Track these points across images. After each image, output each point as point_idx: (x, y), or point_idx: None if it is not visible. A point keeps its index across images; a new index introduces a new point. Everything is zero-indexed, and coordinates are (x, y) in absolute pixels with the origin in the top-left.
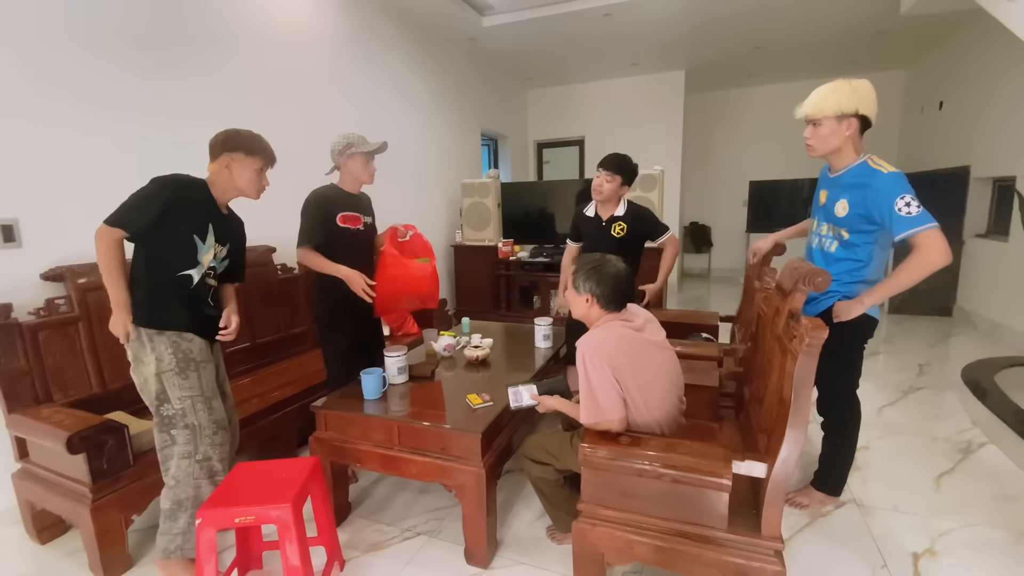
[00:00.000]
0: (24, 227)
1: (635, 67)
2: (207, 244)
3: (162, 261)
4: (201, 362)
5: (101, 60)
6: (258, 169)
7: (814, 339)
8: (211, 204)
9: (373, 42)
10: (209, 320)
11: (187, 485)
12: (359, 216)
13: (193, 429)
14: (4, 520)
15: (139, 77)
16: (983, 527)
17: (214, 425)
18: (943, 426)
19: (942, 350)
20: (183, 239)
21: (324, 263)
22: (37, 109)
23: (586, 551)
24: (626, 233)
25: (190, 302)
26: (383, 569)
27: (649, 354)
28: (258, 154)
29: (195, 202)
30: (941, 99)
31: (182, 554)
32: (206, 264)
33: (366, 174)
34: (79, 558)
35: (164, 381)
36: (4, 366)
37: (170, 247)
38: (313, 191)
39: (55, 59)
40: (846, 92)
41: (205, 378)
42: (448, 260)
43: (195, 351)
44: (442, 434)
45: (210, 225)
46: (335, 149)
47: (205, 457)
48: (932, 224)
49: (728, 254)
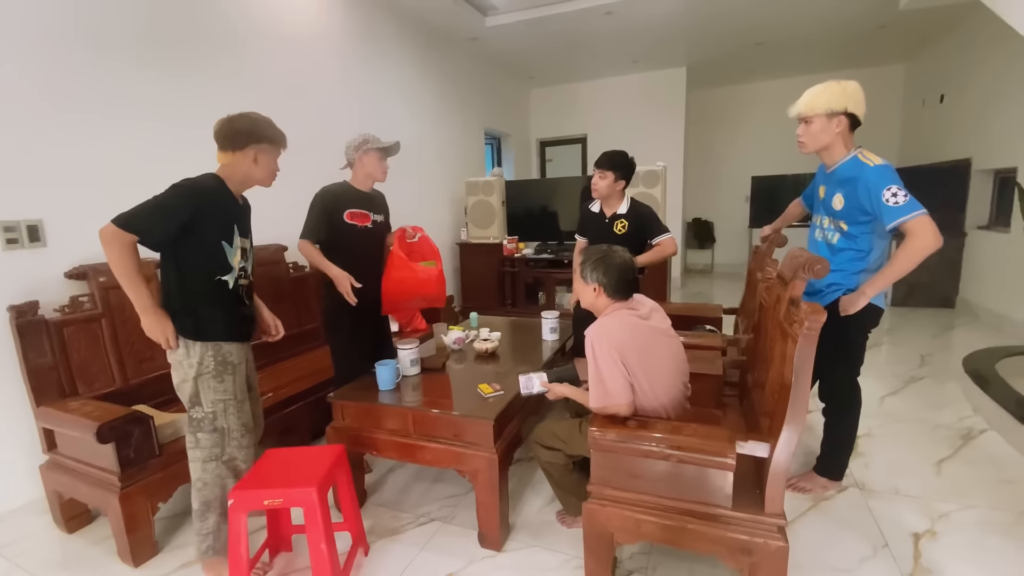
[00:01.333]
0: (49, 227)
1: (636, 64)
2: (235, 246)
3: (195, 270)
4: (237, 364)
5: (119, 63)
6: (277, 157)
7: (813, 323)
8: (232, 201)
9: (377, 43)
10: (246, 320)
11: (215, 486)
12: (368, 214)
13: (222, 432)
14: (32, 510)
15: (155, 79)
16: (983, 509)
17: (242, 428)
18: (944, 414)
19: (944, 341)
20: (212, 246)
21: (319, 260)
22: (60, 112)
23: (596, 531)
24: (627, 230)
25: (228, 308)
26: (400, 553)
27: (655, 341)
28: (281, 142)
29: (220, 207)
30: (942, 92)
31: (213, 552)
32: (237, 266)
33: (379, 171)
34: (107, 546)
35: (200, 384)
36: (32, 361)
37: (201, 256)
38: (323, 187)
39: (76, 64)
40: (836, 92)
41: (239, 381)
42: (454, 258)
43: (233, 354)
44: (455, 421)
45: (235, 225)
46: (350, 145)
47: (231, 458)
48: (920, 211)
49: (731, 249)
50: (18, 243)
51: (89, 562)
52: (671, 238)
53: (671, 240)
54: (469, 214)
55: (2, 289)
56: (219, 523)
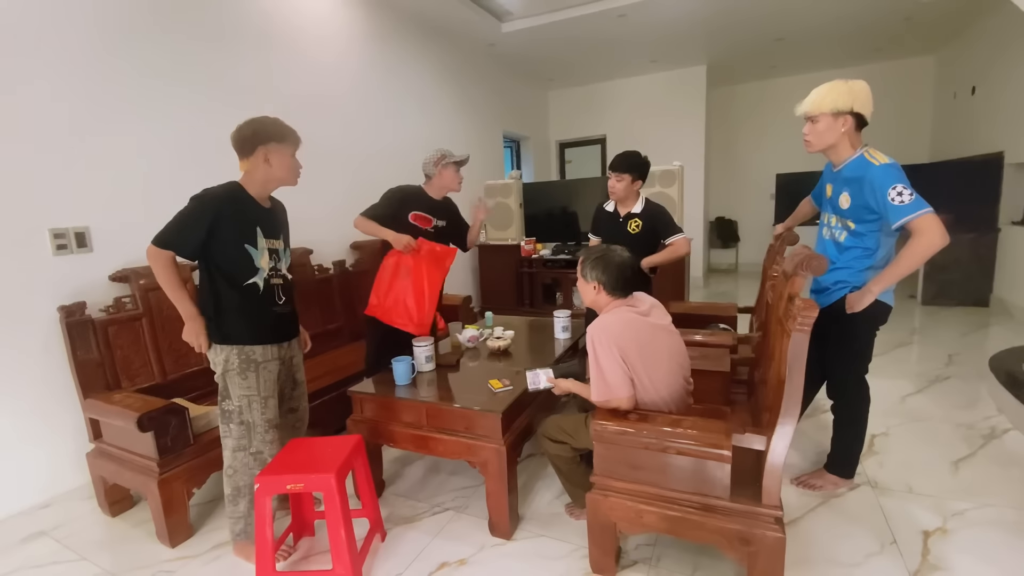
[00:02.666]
0: (95, 234)
1: (655, 64)
2: (259, 248)
3: (224, 276)
4: (262, 363)
5: (152, 78)
6: (291, 154)
7: (805, 318)
8: (252, 205)
9: (397, 50)
10: (280, 318)
11: (243, 474)
12: (431, 218)
13: (248, 426)
14: (80, 495)
15: (185, 92)
16: (998, 508)
17: (266, 424)
18: (967, 413)
19: (975, 340)
20: (236, 251)
21: (376, 227)
22: (101, 125)
23: (599, 520)
24: (641, 230)
25: (257, 310)
26: (415, 539)
27: (655, 336)
28: (289, 138)
29: (236, 211)
30: (974, 84)
31: (246, 536)
32: (266, 267)
33: (455, 182)
34: (147, 528)
35: (228, 380)
36: (80, 357)
37: (227, 261)
38: (401, 186)
39: (114, 77)
40: (842, 91)
41: (264, 378)
42: (472, 259)
43: (257, 353)
44: (466, 415)
45: (257, 228)
46: (430, 161)
47: (258, 451)
48: (926, 209)
49: (756, 248)
50: (67, 248)
51: (130, 543)
52: (684, 239)
53: (684, 240)
54: (487, 216)
55: (53, 291)
56: (249, 509)
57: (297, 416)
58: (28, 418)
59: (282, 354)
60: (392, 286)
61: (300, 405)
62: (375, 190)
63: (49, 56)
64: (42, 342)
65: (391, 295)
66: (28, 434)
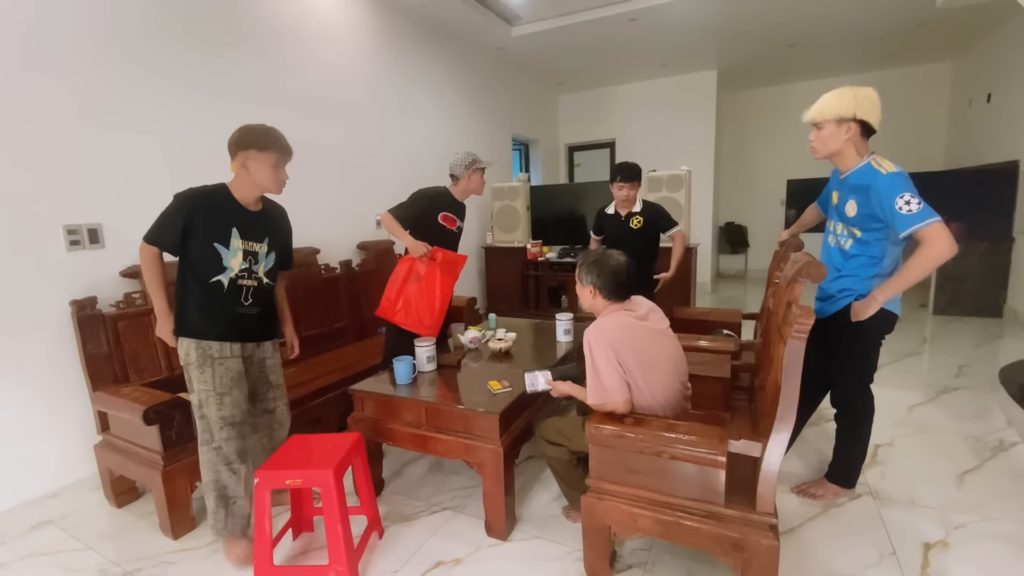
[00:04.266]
0: (107, 231)
1: (665, 68)
2: (232, 248)
3: (194, 271)
4: (218, 359)
5: (163, 79)
6: (273, 164)
7: (802, 325)
8: (232, 207)
9: (408, 54)
10: (244, 319)
11: (208, 468)
12: (456, 219)
13: (207, 420)
14: (87, 486)
15: (194, 91)
16: (1002, 522)
17: (221, 420)
18: (974, 425)
19: (987, 351)
20: (205, 248)
21: (399, 230)
22: (117, 122)
23: (594, 523)
24: (643, 225)
25: (219, 308)
26: (412, 537)
27: (652, 341)
28: (271, 148)
29: (208, 211)
30: (989, 91)
31: (216, 532)
32: (236, 268)
33: (481, 186)
34: (151, 520)
35: (189, 372)
36: (90, 351)
37: (197, 258)
38: (429, 187)
39: (126, 77)
40: (847, 97)
41: (219, 375)
42: (479, 261)
43: (213, 349)
44: (465, 415)
45: (234, 228)
46: (461, 163)
47: (218, 446)
48: (935, 219)
49: (766, 254)
50: (80, 244)
51: (134, 534)
52: (680, 231)
53: (681, 232)
54: (495, 218)
55: (65, 286)
56: (216, 506)
57: (275, 418)
58: (39, 410)
59: (247, 353)
60: (403, 290)
61: (277, 407)
62: (384, 191)
63: (67, 55)
64: (54, 336)
65: (401, 299)
66: (39, 425)
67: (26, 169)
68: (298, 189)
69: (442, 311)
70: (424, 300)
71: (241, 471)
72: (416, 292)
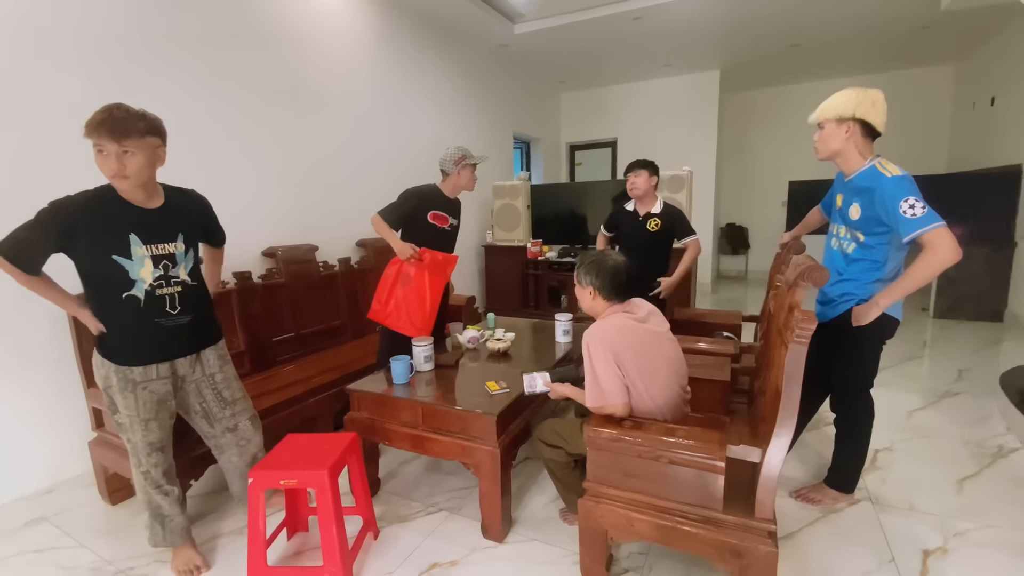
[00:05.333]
0: None
1: (668, 68)
2: (136, 257)
3: (99, 291)
4: (140, 383)
5: (159, 76)
6: (100, 150)
7: (803, 329)
8: (121, 209)
9: (409, 50)
10: (171, 332)
11: (140, 490)
12: (447, 217)
13: (133, 444)
14: (81, 483)
15: (191, 86)
16: (1002, 529)
17: (148, 447)
18: (975, 431)
19: (987, 356)
20: (102, 264)
21: (387, 232)
22: None
23: (591, 527)
24: (660, 228)
25: (140, 325)
26: (407, 538)
27: (651, 343)
28: (89, 131)
29: (94, 220)
30: (993, 95)
31: (152, 545)
32: (149, 277)
33: (472, 182)
34: (144, 518)
35: (111, 395)
36: (85, 347)
37: (95, 274)
38: (418, 186)
39: (132, 73)
40: (849, 97)
41: (143, 400)
42: (479, 260)
43: (136, 373)
44: (462, 416)
45: (131, 235)
46: (450, 159)
47: (146, 471)
48: (939, 223)
49: (767, 255)
50: None
51: (128, 532)
52: (696, 239)
53: (696, 241)
54: (495, 217)
55: (61, 282)
56: (151, 521)
57: (239, 435)
58: (34, 405)
59: (183, 372)
60: (392, 293)
61: (239, 424)
62: (384, 188)
63: (76, 54)
64: (50, 332)
65: (391, 302)
66: (34, 421)
67: (24, 168)
68: (297, 186)
69: (432, 312)
70: (413, 302)
71: (173, 492)
72: (405, 294)
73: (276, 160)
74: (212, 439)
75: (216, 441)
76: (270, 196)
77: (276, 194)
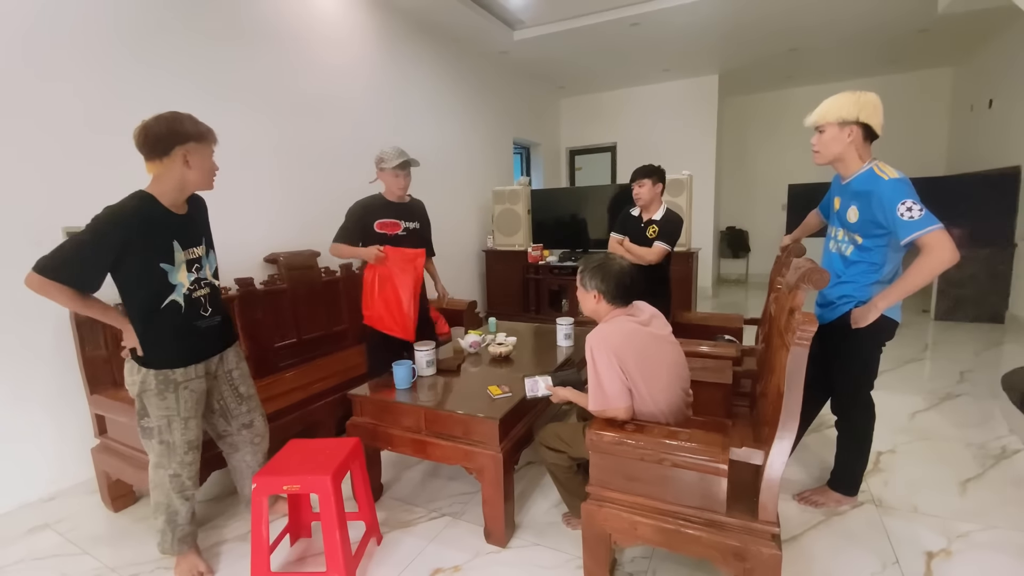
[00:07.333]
0: None
1: (667, 73)
2: (177, 263)
3: (140, 299)
4: (182, 383)
5: (157, 75)
6: (211, 154)
7: (804, 332)
8: (165, 217)
9: (409, 56)
10: (206, 332)
11: (162, 491)
12: (398, 222)
13: (168, 445)
14: (84, 490)
15: (191, 88)
16: (1005, 530)
17: (187, 445)
18: (977, 433)
19: (989, 358)
20: (150, 273)
21: (348, 250)
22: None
23: (594, 531)
24: (657, 236)
25: (181, 330)
26: (410, 544)
27: (654, 347)
28: (208, 137)
29: (148, 231)
30: (991, 97)
31: (161, 551)
32: (186, 281)
33: (396, 186)
34: (147, 524)
35: (144, 400)
36: (88, 353)
37: (140, 285)
38: (359, 200)
39: (127, 78)
40: (849, 101)
41: (184, 399)
42: (480, 264)
43: (177, 374)
44: (464, 420)
45: (174, 242)
46: (375, 162)
47: (175, 474)
48: (936, 225)
49: (767, 259)
50: None
51: (131, 539)
52: (662, 248)
53: (659, 249)
54: (495, 222)
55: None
56: (165, 526)
57: (254, 432)
58: (37, 412)
59: (212, 370)
60: (375, 298)
61: (254, 420)
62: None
63: (69, 56)
64: (53, 338)
65: (375, 306)
66: (36, 428)
67: (26, 171)
68: (298, 191)
69: (410, 310)
70: (392, 302)
71: (194, 497)
72: (384, 296)
73: (278, 166)
74: (227, 437)
75: (232, 439)
76: (272, 202)
77: (278, 200)
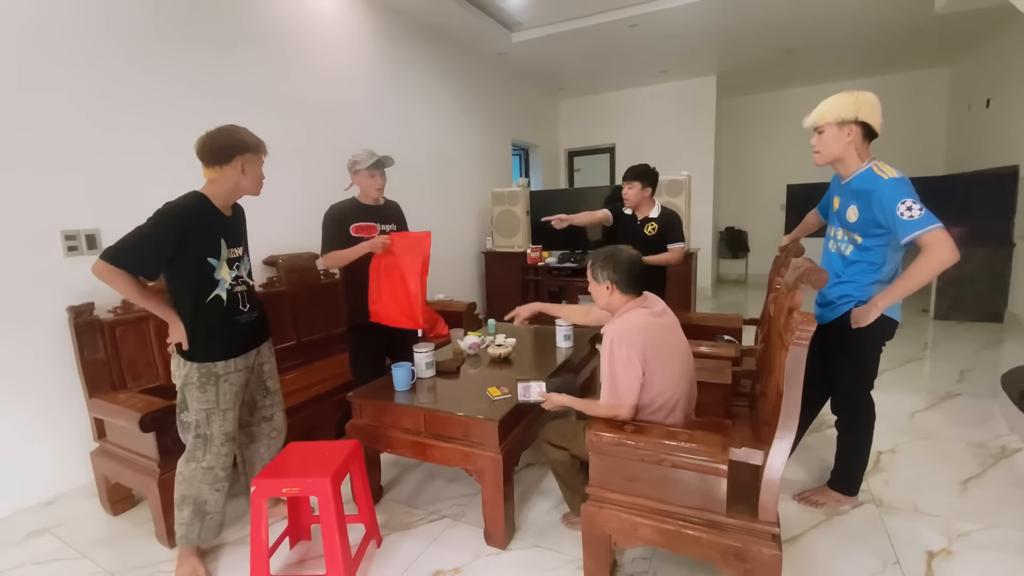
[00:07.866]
0: (105, 236)
1: (665, 74)
2: (221, 259)
3: (185, 293)
4: (223, 375)
5: (159, 78)
6: (262, 163)
7: (803, 331)
8: (216, 216)
9: (408, 59)
10: (246, 327)
11: (191, 484)
12: (374, 225)
13: (205, 439)
14: (83, 493)
15: (191, 92)
16: (1006, 530)
17: (223, 436)
18: (977, 432)
19: (988, 356)
20: (199, 266)
21: (346, 253)
22: (116, 127)
23: (594, 532)
24: (657, 233)
25: (224, 324)
26: (410, 546)
27: (668, 339)
28: (262, 149)
29: (203, 227)
30: (988, 97)
31: (186, 543)
32: (228, 278)
33: (371, 187)
34: (146, 528)
35: (186, 392)
36: (87, 357)
37: (190, 278)
38: (332, 205)
39: (119, 79)
40: (848, 100)
41: (224, 391)
42: (479, 266)
43: (219, 367)
44: (464, 422)
45: (221, 240)
46: (348, 167)
47: (210, 467)
48: (936, 225)
49: (766, 259)
50: (77, 250)
51: (130, 542)
52: (682, 248)
53: (680, 249)
54: (494, 223)
55: (63, 291)
56: (192, 517)
57: (272, 426)
58: (36, 416)
59: (249, 363)
60: (381, 291)
61: (275, 414)
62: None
63: (67, 59)
64: (51, 341)
65: (382, 300)
66: (35, 432)
67: (24, 174)
68: (297, 194)
69: (419, 296)
70: (400, 293)
71: (224, 487)
72: (391, 287)
73: (276, 168)
74: (246, 428)
75: (250, 430)
76: (271, 204)
77: (277, 202)
